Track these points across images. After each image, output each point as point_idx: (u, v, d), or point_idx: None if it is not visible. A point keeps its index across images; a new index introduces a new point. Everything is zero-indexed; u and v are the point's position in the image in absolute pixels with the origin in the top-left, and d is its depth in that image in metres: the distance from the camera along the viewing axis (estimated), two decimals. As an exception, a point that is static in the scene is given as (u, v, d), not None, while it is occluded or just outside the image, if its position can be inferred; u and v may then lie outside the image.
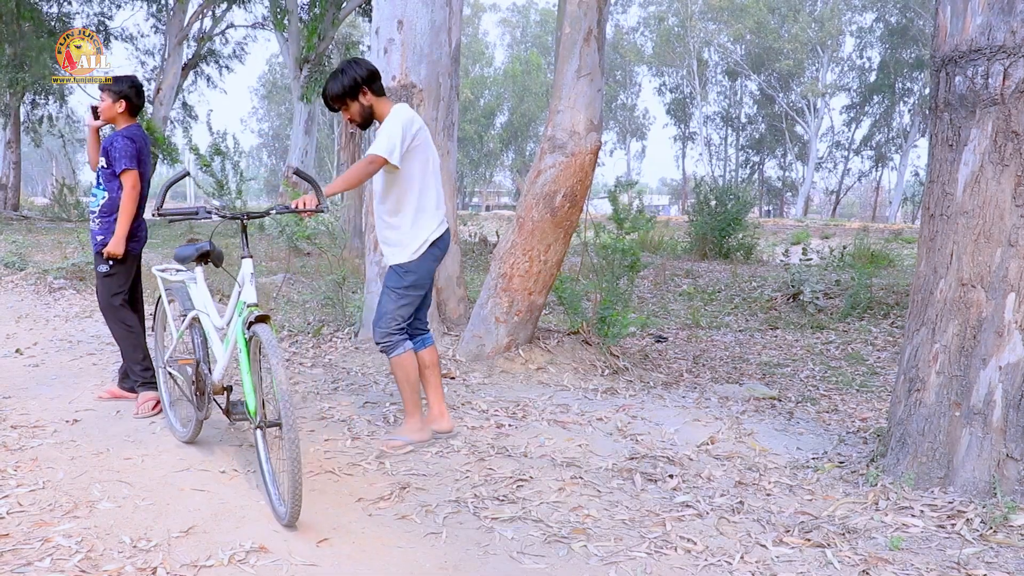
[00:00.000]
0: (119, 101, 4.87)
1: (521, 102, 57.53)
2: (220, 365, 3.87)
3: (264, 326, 3.44)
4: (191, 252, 4.20)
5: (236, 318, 3.70)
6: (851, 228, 28.66)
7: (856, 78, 51.29)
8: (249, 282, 3.66)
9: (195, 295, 4.17)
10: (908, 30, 45.31)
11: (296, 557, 3.04)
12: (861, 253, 14.59)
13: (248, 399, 3.54)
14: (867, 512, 3.50)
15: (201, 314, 4.07)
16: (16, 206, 27.84)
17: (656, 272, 12.65)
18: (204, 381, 4.00)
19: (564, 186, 5.81)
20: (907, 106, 48.81)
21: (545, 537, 3.28)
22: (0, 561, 2.90)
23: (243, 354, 3.56)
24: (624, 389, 5.72)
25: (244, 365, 3.55)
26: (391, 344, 4.22)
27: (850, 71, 51.78)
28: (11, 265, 10.77)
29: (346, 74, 4.10)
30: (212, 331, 3.99)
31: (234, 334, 3.69)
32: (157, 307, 4.70)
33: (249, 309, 3.58)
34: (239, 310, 3.69)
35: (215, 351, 3.95)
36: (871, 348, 7.60)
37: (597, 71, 5.89)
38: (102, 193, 4.88)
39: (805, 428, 4.93)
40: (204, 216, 3.67)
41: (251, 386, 3.52)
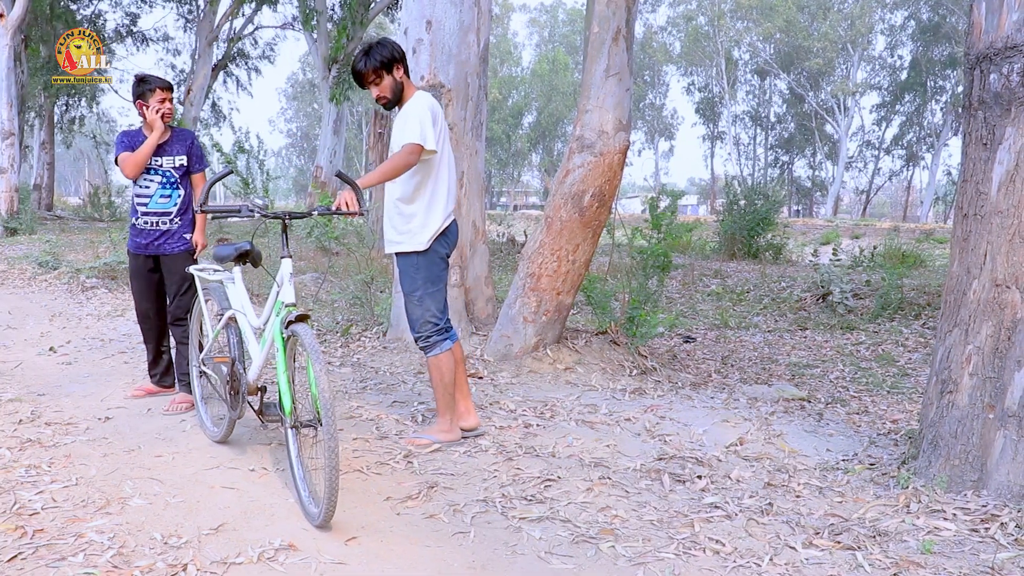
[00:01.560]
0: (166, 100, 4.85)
1: (549, 102, 57.49)
2: (256, 365, 3.87)
3: (304, 325, 3.44)
4: (230, 252, 4.19)
5: (274, 318, 3.70)
6: (882, 228, 28.36)
7: (887, 76, 50.74)
8: (288, 282, 3.65)
9: (232, 295, 4.17)
10: (940, 27, 44.72)
11: (325, 555, 3.05)
12: (892, 253, 14.42)
13: (283, 399, 3.53)
14: (898, 515, 3.46)
15: (238, 313, 4.07)
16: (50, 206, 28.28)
17: (685, 272, 12.59)
18: (239, 380, 4.01)
19: (592, 186, 5.80)
20: (939, 104, 48.20)
21: (573, 537, 3.28)
22: (35, 556, 2.94)
23: (280, 353, 3.56)
24: (652, 389, 5.70)
25: (281, 365, 3.55)
26: (429, 344, 4.23)
27: (881, 69, 51.24)
28: (45, 264, 10.92)
29: (384, 47, 4.10)
30: (248, 331, 4.00)
31: (271, 334, 3.68)
32: (193, 306, 4.71)
33: (288, 309, 3.57)
34: (277, 310, 3.69)
35: (251, 351, 3.96)
36: (902, 349, 7.51)
37: (626, 70, 5.87)
38: (177, 192, 4.88)
39: (835, 429, 4.88)
40: (247, 214, 3.63)
41: (287, 385, 3.51)
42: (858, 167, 55.24)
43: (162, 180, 4.86)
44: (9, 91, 16.80)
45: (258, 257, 4.20)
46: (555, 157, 59.79)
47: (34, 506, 3.37)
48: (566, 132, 57.18)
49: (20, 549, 2.98)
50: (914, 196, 57.65)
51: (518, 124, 59.63)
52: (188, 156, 4.87)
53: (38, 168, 29.69)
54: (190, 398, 4.86)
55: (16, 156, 17.18)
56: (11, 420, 4.57)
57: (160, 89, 4.77)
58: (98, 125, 36.08)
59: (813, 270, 11.53)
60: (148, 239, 4.89)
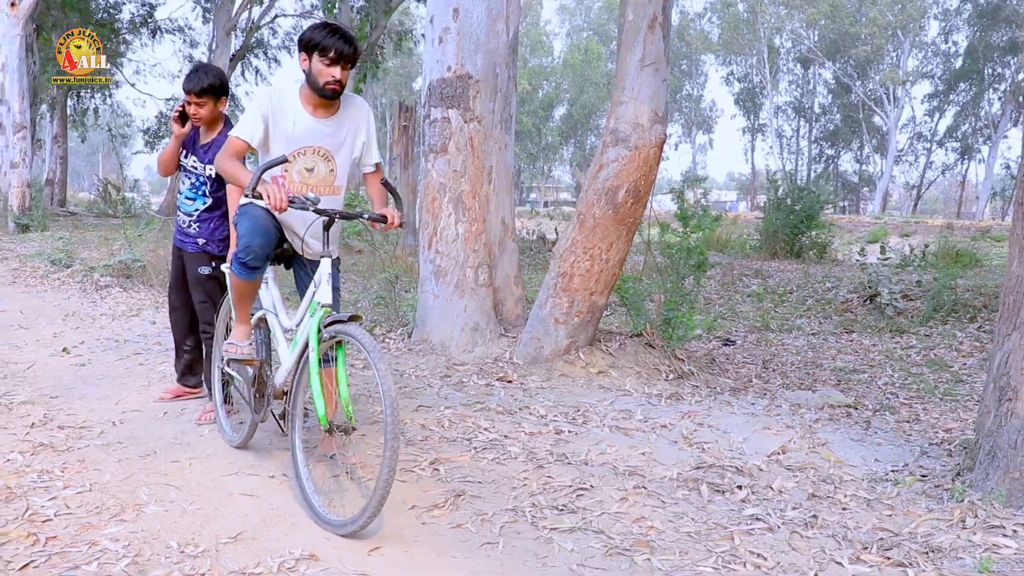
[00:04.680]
0: (221, 99, 4.77)
1: (581, 93, 57.46)
2: (284, 367, 3.85)
3: (358, 327, 3.42)
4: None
5: (308, 319, 3.68)
6: (934, 225, 28.03)
7: (940, 64, 50.13)
8: (326, 282, 3.64)
9: (264, 295, 4.16)
10: (1000, 10, 44.09)
11: (347, 566, 3.07)
12: (945, 252, 14.26)
13: (317, 403, 3.47)
14: (953, 530, 3.42)
15: (269, 314, 4.07)
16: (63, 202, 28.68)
17: (723, 272, 12.53)
18: (265, 383, 4.02)
19: (627, 181, 5.78)
20: (997, 93, 47.55)
21: (607, 549, 3.27)
22: (48, 564, 2.98)
23: (314, 354, 3.51)
24: (690, 395, 5.67)
25: (315, 367, 3.49)
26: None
27: (934, 56, 50.63)
28: (58, 262, 11.05)
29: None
30: (279, 332, 3.98)
31: (304, 336, 3.66)
32: (222, 305, 4.70)
33: (324, 310, 3.56)
34: (311, 310, 3.67)
35: (280, 353, 3.94)
36: (956, 354, 7.43)
37: (662, 60, 5.86)
38: (203, 200, 4.84)
39: (884, 438, 4.84)
40: (300, 205, 3.56)
41: (320, 388, 3.47)
42: (908, 161, 54.69)
43: (193, 183, 4.88)
44: (20, 82, 17.04)
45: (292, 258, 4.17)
46: (587, 151, 59.74)
47: (47, 512, 3.41)
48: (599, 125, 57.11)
49: (32, 557, 3.01)
50: (969, 191, 56.94)
51: (549, 116, 59.67)
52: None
53: (50, 162, 30.14)
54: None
55: (28, 150, 17.43)
56: (23, 423, 4.63)
57: (187, 92, 4.69)
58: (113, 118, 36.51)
59: (860, 270, 11.41)
60: (179, 233, 4.99)
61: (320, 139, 3.83)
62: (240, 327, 4.11)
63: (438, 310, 6.51)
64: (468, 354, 6.30)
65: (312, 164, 3.83)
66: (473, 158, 6.47)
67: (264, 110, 3.75)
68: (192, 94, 4.65)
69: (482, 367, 6.05)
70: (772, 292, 11.17)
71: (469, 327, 6.39)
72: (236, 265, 3.84)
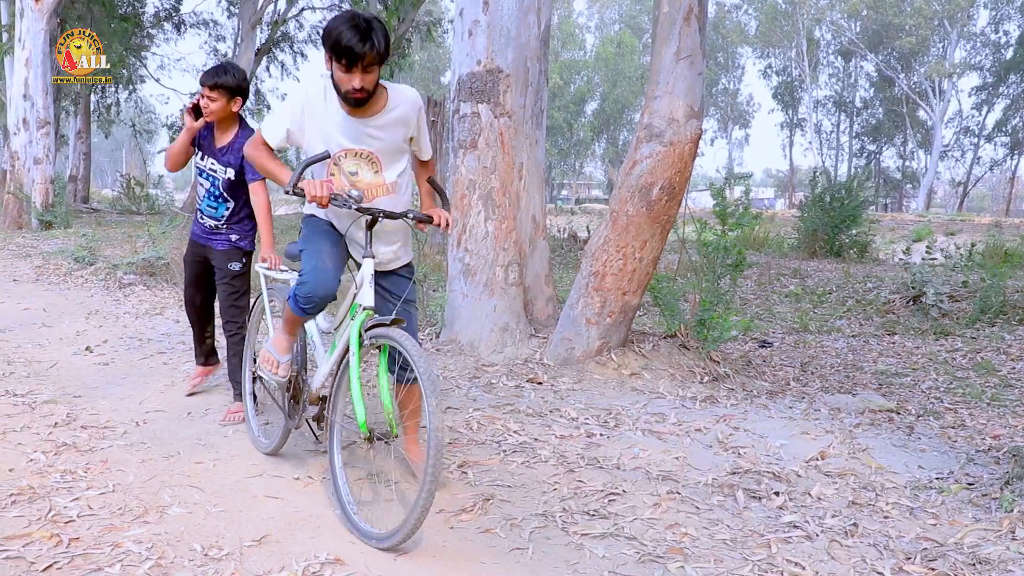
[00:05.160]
0: (235, 99, 4.70)
1: (614, 87, 57.33)
2: (321, 372, 3.79)
3: (402, 332, 3.33)
4: None
5: (349, 321, 3.61)
6: (981, 224, 27.69)
7: (990, 55, 49.47)
8: (368, 284, 3.54)
9: None
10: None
11: (373, 570, 3.08)
12: (993, 251, 14.08)
13: (357, 409, 3.38)
14: (1001, 541, 3.38)
15: None
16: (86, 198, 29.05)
17: (760, 271, 12.45)
18: (300, 388, 3.95)
19: (661, 178, 5.77)
20: (1050, 85, 46.87)
21: (639, 556, 3.26)
22: (71, 565, 3.02)
23: (355, 359, 3.43)
24: (725, 398, 5.65)
25: (355, 371, 3.42)
26: None
27: (983, 48, 49.98)
28: (81, 260, 11.20)
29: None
30: (316, 335, 3.95)
31: (344, 339, 3.60)
32: (255, 307, 4.67)
33: (365, 312, 3.49)
34: (352, 313, 3.60)
35: (317, 356, 3.90)
36: (1004, 357, 7.33)
37: (698, 53, 5.83)
38: (225, 205, 4.82)
39: (927, 445, 4.79)
40: (342, 203, 3.46)
41: (360, 394, 3.39)
42: (954, 156, 54.02)
43: (209, 188, 4.85)
44: (45, 78, 17.28)
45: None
46: (620, 147, 59.60)
47: (70, 513, 3.46)
48: (632, 120, 56.97)
49: (55, 558, 3.06)
50: (1019, 188, 56.20)
51: (581, 111, 59.59)
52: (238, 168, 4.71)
53: (74, 159, 30.53)
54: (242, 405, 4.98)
55: (52, 146, 17.68)
56: (46, 423, 4.70)
57: (202, 84, 4.68)
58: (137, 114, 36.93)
59: (903, 270, 11.31)
60: (201, 230, 4.98)
61: (360, 140, 3.56)
62: (283, 337, 3.87)
63: (467, 310, 6.52)
64: (497, 355, 6.31)
65: (355, 167, 3.60)
66: (503, 154, 6.47)
67: (294, 115, 3.56)
68: (206, 87, 4.64)
69: (512, 368, 6.05)
70: (811, 292, 11.09)
71: (499, 327, 6.40)
72: (293, 303, 3.63)
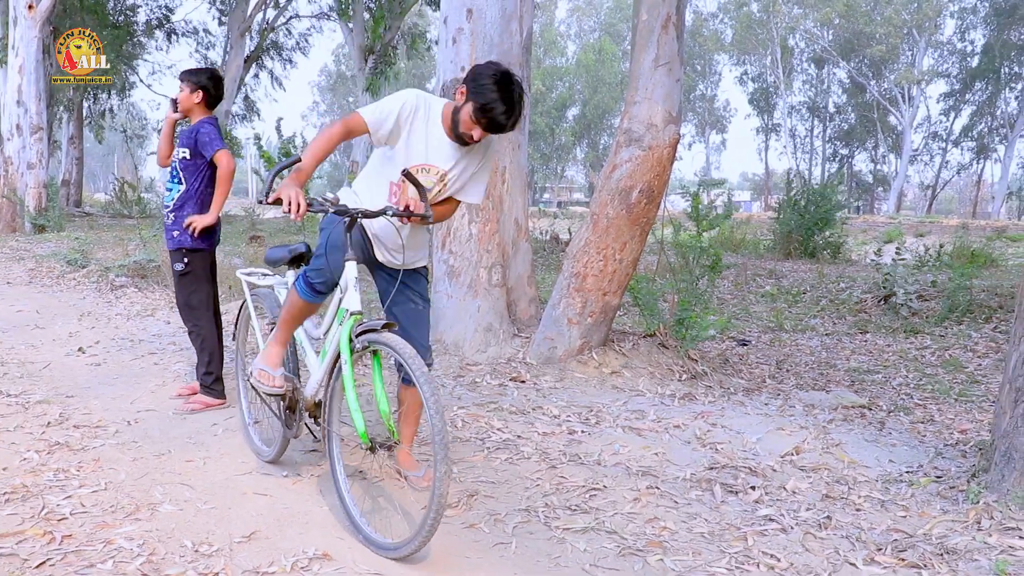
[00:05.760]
0: (196, 92, 4.95)
1: (595, 93, 57.38)
2: (314, 379, 3.70)
3: (394, 335, 3.25)
4: (284, 254, 4.03)
5: (337, 327, 3.50)
6: (949, 225, 27.87)
7: (956, 63, 49.78)
8: (353, 288, 3.43)
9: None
10: (1017, 9, 43.71)
11: (361, 566, 3.07)
12: (960, 252, 14.17)
13: (355, 418, 3.27)
14: (968, 532, 3.40)
15: None
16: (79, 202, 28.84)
17: (737, 272, 12.49)
18: (296, 397, 3.84)
19: (641, 181, 5.78)
20: (1014, 92, 47.19)
21: (619, 550, 3.27)
22: (63, 562, 3.00)
23: (348, 366, 3.32)
24: (703, 395, 5.66)
25: (349, 380, 3.29)
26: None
27: (950, 55, 50.29)
28: (73, 262, 11.12)
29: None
30: (306, 342, 3.86)
31: (334, 345, 3.49)
32: (240, 313, 4.60)
33: (353, 317, 3.38)
34: (340, 318, 3.49)
35: (309, 363, 3.81)
36: (971, 354, 7.38)
37: (676, 60, 5.84)
38: (178, 187, 4.94)
39: (898, 439, 4.82)
40: (318, 208, 3.38)
41: (357, 402, 3.28)
42: (923, 160, 54.35)
43: (171, 172, 5.03)
44: (38, 84, 17.15)
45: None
46: (601, 151, 59.64)
47: (62, 511, 3.43)
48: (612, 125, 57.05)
49: (48, 555, 3.03)
50: (985, 191, 56.60)
51: (562, 117, 59.61)
52: (193, 147, 4.91)
53: (66, 163, 30.30)
54: (206, 400, 5.03)
55: (45, 151, 17.55)
56: (39, 422, 4.66)
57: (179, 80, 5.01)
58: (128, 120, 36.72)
59: (875, 270, 11.37)
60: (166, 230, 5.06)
61: (444, 161, 3.51)
62: (274, 348, 3.79)
63: (451, 310, 6.51)
64: (481, 354, 6.30)
65: (430, 183, 3.53)
66: (486, 158, 6.46)
67: (405, 111, 3.44)
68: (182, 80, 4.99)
69: (495, 367, 6.05)
70: (786, 292, 11.13)
71: (482, 327, 6.40)
72: (302, 283, 3.60)
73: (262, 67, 32.18)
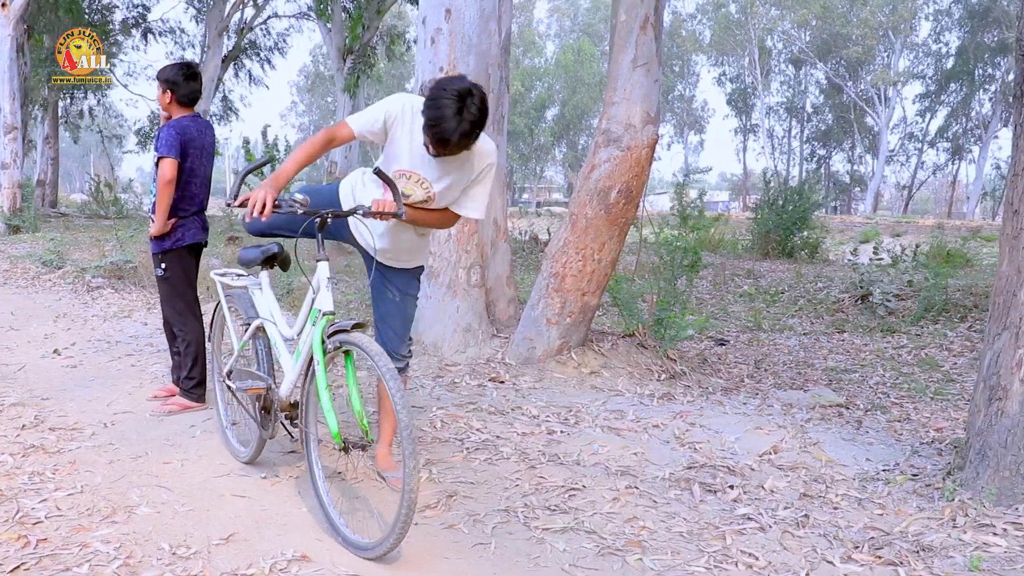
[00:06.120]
0: (166, 91, 4.88)
1: (574, 94, 57.44)
2: (288, 380, 3.67)
3: (364, 335, 3.25)
4: (256, 255, 4.01)
5: (309, 328, 3.49)
6: (925, 225, 28.10)
7: (932, 64, 50.23)
8: (325, 288, 3.43)
9: (260, 302, 3.99)
10: (990, 12, 44.19)
11: (340, 567, 3.06)
12: (936, 252, 14.30)
13: (329, 418, 3.23)
14: (943, 529, 3.43)
15: (267, 323, 3.88)
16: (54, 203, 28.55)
17: (716, 272, 12.55)
18: (271, 398, 3.81)
19: (619, 181, 5.79)
20: (988, 94, 47.64)
21: (599, 549, 3.27)
22: (39, 566, 2.97)
23: (321, 367, 3.30)
24: (682, 395, 5.68)
25: (322, 381, 3.27)
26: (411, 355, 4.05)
27: (925, 57, 50.72)
28: (49, 263, 11.02)
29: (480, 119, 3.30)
30: (280, 342, 3.82)
31: (307, 346, 3.47)
32: (215, 315, 4.57)
33: (326, 318, 3.37)
34: (313, 319, 3.47)
35: (283, 364, 3.77)
36: (947, 353, 7.45)
37: (654, 61, 5.86)
38: (152, 196, 4.85)
39: (875, 438, 4.85)
40: (288, 210, 3.38)
41: (331, 403, 3.25)
42: (900, 161, 54.75)
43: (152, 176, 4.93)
44: (11, 83, 16.98)
45: (287, 260, 4.02)
46: (580, 152, 59.72)
47: (38, 515, 3.40)
48: (591, 126, 57.10)
49: (23, 559, 3.00)
50: (960, 191, 57.10)
51: (541, 117, 59.64)
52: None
53: (42, 163, 30.00)
54: (185, 402, 4.99)
55: (19, 151, 17.38)
56: (14, 425, 4.61)
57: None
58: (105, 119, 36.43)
59: (852, 270, 11.45)
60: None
61: (425, 169, 3.48)
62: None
63: (430, 311, 6.50)
64: (460, 355, 6.30)
65: (410, 191, 3.51)
66: (465, 159, 6.46)
67: (389, 117, 3.43)
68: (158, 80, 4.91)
69: (474, 368, 6.05)
70: (764, 292, 11.19)
71: (461, 328, 6.39)
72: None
73: (240, 67, 31.98)
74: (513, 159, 56.91)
